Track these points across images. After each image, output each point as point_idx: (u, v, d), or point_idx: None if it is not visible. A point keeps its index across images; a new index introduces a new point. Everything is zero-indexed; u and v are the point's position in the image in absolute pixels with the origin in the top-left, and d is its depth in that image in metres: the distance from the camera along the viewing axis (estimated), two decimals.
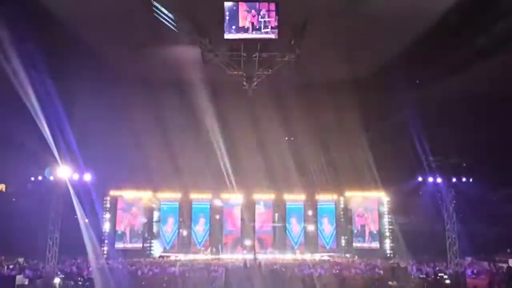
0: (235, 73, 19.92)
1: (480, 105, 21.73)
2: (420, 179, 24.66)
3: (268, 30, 16.65)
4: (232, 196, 28.81)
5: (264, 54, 19.18)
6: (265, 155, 26.81)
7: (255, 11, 16.50)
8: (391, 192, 28.08)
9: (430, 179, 24.12)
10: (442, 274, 19.49)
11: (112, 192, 27.39)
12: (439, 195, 23.58)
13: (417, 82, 23.22)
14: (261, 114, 25.48)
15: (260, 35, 16.82)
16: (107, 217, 26.99)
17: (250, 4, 16.57)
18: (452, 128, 22.69)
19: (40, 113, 18.22)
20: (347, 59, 21.33)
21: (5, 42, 15.60)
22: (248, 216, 28.91)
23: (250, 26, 16.64)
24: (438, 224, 23.90)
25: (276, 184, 28.21)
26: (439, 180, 23.80)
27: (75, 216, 21.58)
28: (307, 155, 26.99)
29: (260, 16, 16.60)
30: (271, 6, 16.41)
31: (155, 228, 28.28)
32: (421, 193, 25.58)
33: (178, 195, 28.56)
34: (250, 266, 20.66)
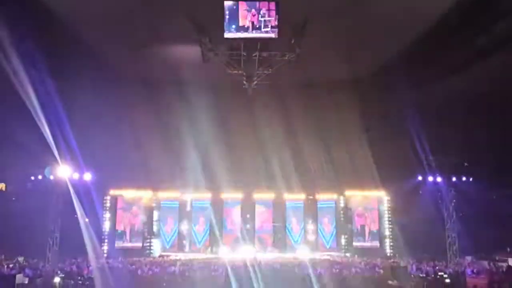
0: (235, 72, 19.91)
1: (480, 104, 21.69)
2: (420, 178, 24.68)
3: (268, 29, 16.60)
4: (232, 195, 28.89)
5: (264, 53, 19.15)
6: (265, 154, 26.83)
7: (255, 10, 16.46)
8: (391, 191, 28.10)
9: (430, 179, 24.16)
10: (442, 273, 19.52)
11: (112, 192, 27.40)
12: (439, 194, 23.63)
13: (417, 82, 23.20)
14: (261, 113, 25.47)
15: (260, 34, 16.78)
16: (107, 216, 26.99)
17: (250, 3, 16.53)
18: (452, 127, 22.66)
19: (40, 112, 18.22)
20: (347, 58, 21.32)
21: (5, 41, 15.59)
22: (248, 216, 28.96)
23: (250, 25, 16.60)
24: (438, 223, 23.93)
25: (276, 183, 28.20)
26: (439, 179, 23.84)
27: (75, 216, 21.62)
28: (307, 154, 26.99)
29: (260, 15, 16.56)
30: (271, 5, 16.37)
31: (155, 227, 28.30)
32: (421, 192, 25.62)
33: (178, 194, 28.57)
34: (250, 265, 20.66)
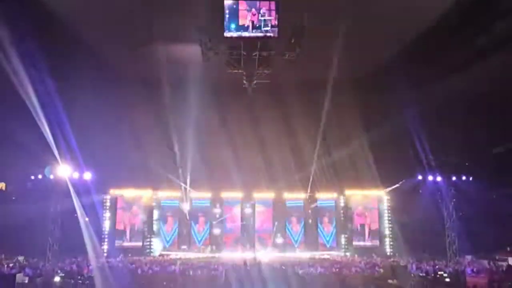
0: (235, 71, 19.91)
1: (480, 104, 21.73)
2: (420, 177, 24.67)
3: (268, 28, 16.60)
4: (232, 194, 28.90)
5: (264, 53, 19.13)
6: (265, 154, 26.83)
7: (255, 9, 16.47)
8: (391, 190, 28.10)
9: (430, 178, 24.14)
10: (442, 273, 19.54)
11: (112, 191, 27.39)
12: (439, 193, 23.61)
13: (417, 81, 23.22)
14: (261, 113, 25.48)
15: (260, 34, 16.78)
16: (107, 215, 26.99)
17: (250, 2, 16.53)
18: (452, 127, 22.69)
19: (40, 112, 18.24)
20: (347, 58, 21.29)
21: (5, 41, 15.60)
22: (248, 215, 28.97)
23: (250, 24, 16.59)
24: (438, 222, 23.93)
25: (276, 182, 28.23)
26: (439, 178, 23.83)
27: (75, 215, 21.62)
28: (307, 153, 26.99)
29: (260, 15, 16.56)
30: (272, 4, 16.37)
31: (155, 226, 28.30)
32: (421, 191, 25.61)
33: (178, 193, 28.57)
34: (250, 264, 20.68)
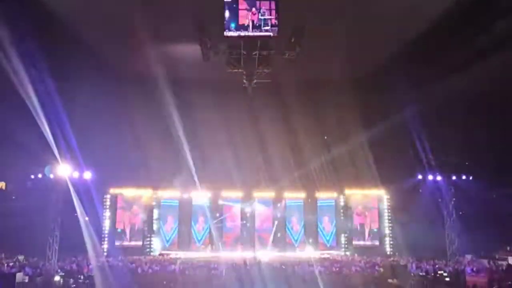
0: (235, 71, 19.91)
1: (480, 104, 21.72)
2: (420, 177, 24.67)
3: (268, 28, 16.59)
4: (232, 194, 28.89)
5: (264, 52, 19.14)
6: (265, 153, 26.82)
7: (255, 9, 16.46)
8: (391, 190, 28.11)
9: (430, 177, 24.14)
10: (442, 272, 19.54)
11: (112, 190, 27.38)
12: (439, 193, 23.61)
13: (417, 81, 23.22)
14: (261, 112, 25.47)
15: (260, 33, 16.77)
16: (107, 215, 26.97)
17: (250, 2, 16.52)
18: (452, 126, 22.69)
19: (40, 111, 18.22)
20: (347, 57, 21.31)
21: (5, 41, 15.58)
22: (248, 214, 28.97)
23: (250, 24, 16.58)
24: (438, 222, 23.94)
25: (276, 182, 28.23)
26: (439, 178, 23.82)
27: (75, 214, 21.60)
28: (307, 153, 26.98)
29: (260, 14, 16.55)
30: (272, 4, 16.35)
31: (155, 226, 28.30)
32: (421, 191, 25.61)
33: (178, 193, 28.57)
34: (250, 264, 20.69)
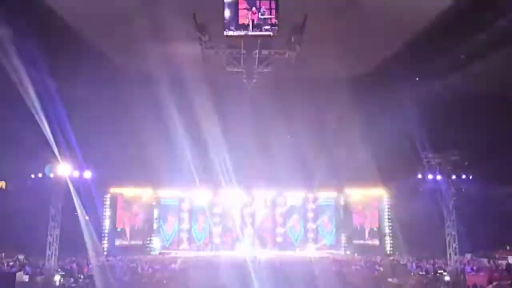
0: (235, 70, 19.90)
1: (480, 102, 21.69)
2: (420, 176, 24.63)
3: (268, 27, 16.56)
4: (232, 193, 28.88)
5: (264, 51, 19.16)
6: (265, 152, 26.81)
7: (255, 8, 16.43)
8: (391, 189, 28.10)
9: (430, 176, 24.08)
10: (442, 271, 19.59)
11: (112, 190, 27.39)
12: (439, 192, 23.56)
13: (417, 79, 23.22)
14: (261, 111, 25.46)
15: (260, 33, 16.74)
16: (107, 214, 26.98)
17: (250, 1, 16.49)
18: (453, 125, 22.66)
19: (40, 110, 18.21)
20: (347, 56, 21.29)
21: (5, 39, 15.57)
22: (248, 213, 28.97)
23: (250, 23, 16.55)
24: (438, 221, 23.87)
25: (276, 181, 28.23)
26: (439, 177, 23.77)
27: (75, 214, 21.61)
28: (307, 152, 26.96)
29: (260, 13, 16.52)
30: (272, 3, 16.31)
31: (155, 225, 28.33)
32: (421, 190, 25.57)
33: (178, 192, 28.57)
34: (250, 263, 20.71)
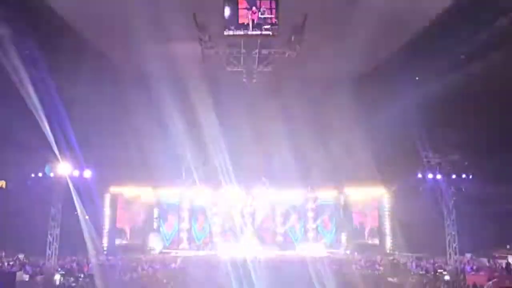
0: (235, 69, 19.90)
1: (480, 102, 21.67)
2: (420, 175, 24.63)
3: (268, 27, 16.56)
4: (232, 192, 28.88)
5: (264, 51, 19.15)
6: (265, 151, 26.82)
7: (255, 8, 16.43)
8: (391, 188, 28.08)
9: (430, 176, 24.09)
10: (442, 270, 19.58)
11: (112, 189, 27.38)
12: (439, 191, 23.56)
13: (417, 79, 23.21)
14: (260, 110, 25.47)
15: (260, 32, 16.75)
16: (107, 213, 27.01)
17: (251, 1, 16.49)
18: (453, 125, 22.65)
19: (40, 109, 18.23)
20: (347, 55, 21.28)
21: (5, 39, 15.58)
22: (248, 213, 28.97)
23: (250, 23, 16.55)
24: (438, 220, 23.89)
25: (276, 180, 28.23)
26: (439, 176, 23.78)
27: (75, 213, 21.62)
28: (307, 151, 26.97)
29: (260, 13, 16.52)
30: (272, 3, 16.33)
31: (155, 224, 28.33)
32: (421, 189, 25.57)
33: (178, 192, 28.57)
34: (250, 262, 20.71)
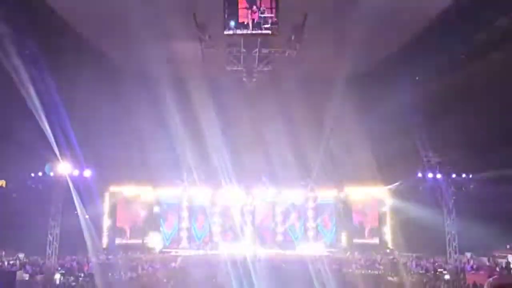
0: (235, 69, 19.89)
1: (480, 101, 21.66)
2: (420, 175, 24.65)
3: (268, 26, 16.52)
4: (232, 192, 28.88)
5: (264, 50, 19.13)
6: (265, 150, 26.81)
7: (255, 7, 16.39)
8: (391, 187, 28.07)
9: (430, 175, 24.11)
10: (442, 270, 19.61)
11: (112, 188, 27.39)
12: (439, 191, 23.57)
13: (417, 79, 23.19)
14: (260, 109, 25.46)
15: (260, 31, 16.71)
16: (107, 212, 27.02)
17: (251, 0, 16.46)
18: (453, 125, 22.65)
19: (40, 109, 18.24)
20: (347, 54, 21.26)
21: (5, 38, 15.57)
22: (247, 212, 28.97)
23: (250, 22, 16.52)
24: (438, 220, 23.91)
25: (276, 179, 28.23)
26: (439, 176, 23.80)
27: (75, 212, 21.63)
28: (307, 151, 26.97)
29: (260, 12, 16.48)
30: (272, 2, 16.29)
31: (156, 224, 28.33)
32: (421, 189, 25.59)
33: (178, 191, 28.57)
34: (250, 261, 20.73)
